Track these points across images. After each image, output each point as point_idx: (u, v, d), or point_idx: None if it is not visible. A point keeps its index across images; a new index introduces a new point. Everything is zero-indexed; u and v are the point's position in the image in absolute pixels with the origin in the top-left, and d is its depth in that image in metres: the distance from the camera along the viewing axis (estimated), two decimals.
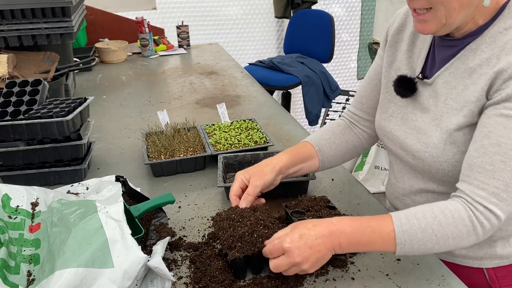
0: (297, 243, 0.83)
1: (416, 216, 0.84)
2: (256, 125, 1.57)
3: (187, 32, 2.98)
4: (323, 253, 0.84)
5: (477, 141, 0.85)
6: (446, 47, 0.97)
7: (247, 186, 1.04)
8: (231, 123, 1.60)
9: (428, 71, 1.01)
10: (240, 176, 1.05)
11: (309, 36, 3.56)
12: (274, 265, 0.85)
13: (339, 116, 1.27)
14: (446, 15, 0.87)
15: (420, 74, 1.01)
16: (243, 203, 1.01)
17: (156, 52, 2.88)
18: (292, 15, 3.76)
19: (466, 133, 0.91)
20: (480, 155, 0.84)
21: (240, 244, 0.89)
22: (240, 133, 1.51)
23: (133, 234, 0.86)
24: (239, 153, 1.34)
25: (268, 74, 3.27)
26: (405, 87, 1.02)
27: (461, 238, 0.84)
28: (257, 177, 1.04)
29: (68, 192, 1.09)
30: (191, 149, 1.40)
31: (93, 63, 2.47)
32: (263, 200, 1.07)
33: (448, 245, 0.84)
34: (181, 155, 1.37)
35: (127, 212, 0.95)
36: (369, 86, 1.17)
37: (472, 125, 0.90)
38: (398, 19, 1.10)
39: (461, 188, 0.86)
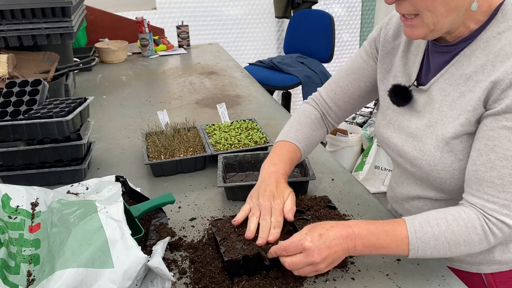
0: (317, 243, 0.84)
1: (430, 223, 0.85)
2: (256, 125, 1.57)
3: (187, 32, 2.98)
4: (339, 254, 0.86)
5: (483, 155, 0.85)
6: (440, 53, 0.96)
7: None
8: (231, 123, 1.60)
9: (423, 77, 1.00)
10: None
11: (309, 36, 3.56)
12: (291, 262, 0.85)
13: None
14: (434, 21, 0.86)
15: (416, 82, 1.00)
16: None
17: (156, 52, 2.89)
18: (292, 15, 3.76)
19: (463, 140, 0.91)
20: (488, 170, 0.85)
21: (237, 246, 0.90)
22: (240, 133, 1.51)
23: (133, 234, 0.86)
24: (239, 153, 1.34)
25: (268, 74, 3.27)
26: (400, 96, 1.01)
27: (472, 245, 0.86)
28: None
29: (68, 192, 1.08)
30: (191, 149, 1.40)
31: (93, 63, 2.47)
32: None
33: (460, 251, 0.86)
34: (181, 155, 1.37)
35: (127, 212, 0.95)
36: (348, 78, 1.15)
37: (469, 133, 0.90)
38: (394, 25, 1.07)
39: (471, 201, 0.87)
